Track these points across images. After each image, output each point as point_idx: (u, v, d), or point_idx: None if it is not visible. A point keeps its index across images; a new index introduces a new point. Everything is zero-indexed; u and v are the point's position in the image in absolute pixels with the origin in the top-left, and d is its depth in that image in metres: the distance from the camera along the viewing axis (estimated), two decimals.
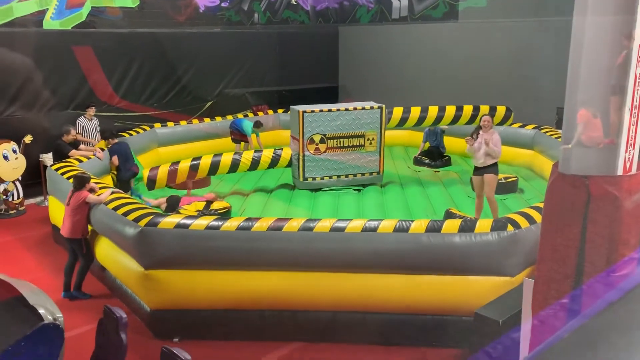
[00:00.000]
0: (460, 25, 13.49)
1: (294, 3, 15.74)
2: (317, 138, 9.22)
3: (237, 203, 8.68)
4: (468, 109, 10.12)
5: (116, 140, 9.07)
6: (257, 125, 11.13)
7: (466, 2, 13.46)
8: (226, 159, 9.18)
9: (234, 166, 9.21)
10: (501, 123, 10.26)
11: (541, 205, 5.57)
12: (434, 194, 8.88)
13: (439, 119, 10.09)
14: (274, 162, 9.38)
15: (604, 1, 2.66)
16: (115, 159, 8.82)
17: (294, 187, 9.50)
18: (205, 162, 9.06)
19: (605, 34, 2.67)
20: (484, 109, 9.96)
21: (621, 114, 2.56)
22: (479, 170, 7.30)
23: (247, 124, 11.04)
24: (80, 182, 6.59)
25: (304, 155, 9.22)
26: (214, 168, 9.11)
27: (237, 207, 8.40)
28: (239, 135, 11.12)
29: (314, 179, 9.33)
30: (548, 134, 9.97)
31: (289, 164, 9.51)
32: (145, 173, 9.35)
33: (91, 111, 10.00)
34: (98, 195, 6.70)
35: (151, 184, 8.80)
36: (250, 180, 9.99)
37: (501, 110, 10.27)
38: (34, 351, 3.36)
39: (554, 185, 2.80)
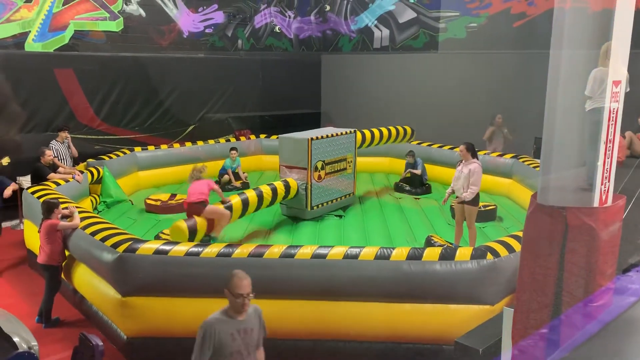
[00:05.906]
0: (440, 55, 13.78)
1: (278, 31, 15.95)
2: (319, 165, 9.03)
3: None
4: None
5: None
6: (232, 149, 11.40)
7: (446, 33, 13.78)
8: (252, 195, 8.11)
9: (260, 201, 8.16)
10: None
11: (520, 234, 5.64)
12: (415, 221, 8.92)
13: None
14: (287, 192, 8.64)
15: (579, 36, 2.75)
16: None
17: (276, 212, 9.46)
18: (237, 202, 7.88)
19: (581, 67, 2.76)
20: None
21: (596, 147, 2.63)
22: (459, 199, 7.37)
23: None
24: (48, 209, 6.39)
25: (311, 184, 8.85)
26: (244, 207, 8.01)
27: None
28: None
29: (317, 206, 9.04)
30: (526, 163, 10.13)
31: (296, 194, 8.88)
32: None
33: (63, 134, 9.63)
34: (71, 220, 6.53)
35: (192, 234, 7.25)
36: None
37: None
38: None
39: (532, 216, 2.85)
